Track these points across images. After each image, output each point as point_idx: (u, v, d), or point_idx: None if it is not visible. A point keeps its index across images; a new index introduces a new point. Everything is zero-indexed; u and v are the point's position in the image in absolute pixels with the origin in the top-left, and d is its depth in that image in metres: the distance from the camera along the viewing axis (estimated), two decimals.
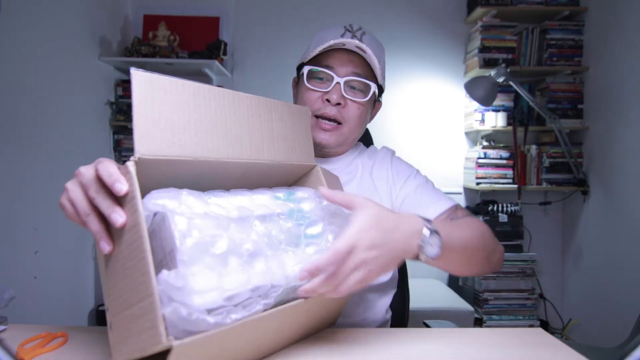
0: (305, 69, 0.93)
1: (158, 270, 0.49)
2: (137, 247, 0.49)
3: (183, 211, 0.52)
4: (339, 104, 0.91)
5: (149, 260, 0.47)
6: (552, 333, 1.29)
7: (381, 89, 1.00)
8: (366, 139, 1.35)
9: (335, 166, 0.99)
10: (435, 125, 2.67)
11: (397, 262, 0.62)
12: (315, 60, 0.93)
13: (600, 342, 2.04)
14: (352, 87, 0.92)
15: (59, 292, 2.00)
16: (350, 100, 0.92)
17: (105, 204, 0.51)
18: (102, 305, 2.33)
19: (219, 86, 2.60)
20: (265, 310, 0.55)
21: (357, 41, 0.88)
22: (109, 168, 0.51)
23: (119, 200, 0.52)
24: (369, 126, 1.47)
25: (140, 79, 0.53)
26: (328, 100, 0.91)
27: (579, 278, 2.50)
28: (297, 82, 1.00)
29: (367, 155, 1.03)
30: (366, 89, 0.93)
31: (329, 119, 0.92)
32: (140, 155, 0.51)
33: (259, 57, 2.66)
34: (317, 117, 0.92)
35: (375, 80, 0.93)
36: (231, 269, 0.52)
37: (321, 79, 0.93)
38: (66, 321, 2.08)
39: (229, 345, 0.55)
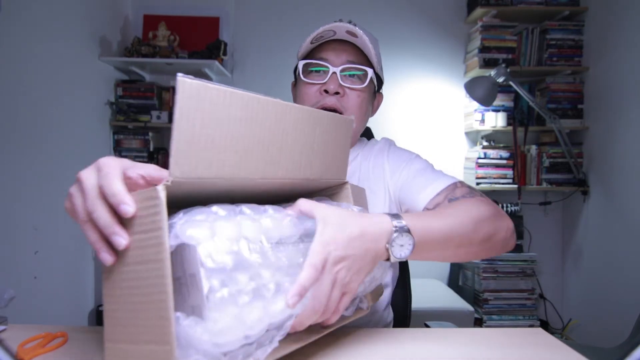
0: (300, 64, 0.94)
1: (174, 285, 0.46)
2: (157, 285, 0.44)
3: (213, 253, 0.47)
4: (337, 93, 0.90)
5: (170, 305, 0.43)
6: (552, 333, 1.30)
7: (380, 80, 0.99)
8: (368, 138, 1.34)
9: None
10: (435, 125, 2.67)
11: (371, 267, 0.61)
12: (309, 55, 0.94)
13: (600, 342, 2.04)
14: (350, 75, 0.92)
15: (59, 292, 2.00)
16: (349, 88, 0.91)
17: (103, 221, 0.45)
18: (102, 305, 2.33)
19: None
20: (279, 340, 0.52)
21: (347, 24, 0.87)
22: (111, 185, 0.45)
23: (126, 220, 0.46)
24: (371, 125, 1.47)
25: (186, 87, 0.45)
26: (326, 92, 0.90)
27: (579, 278, 2.50)
28: (295, 82, 1.00)
29: (367, 148, 1.02)
30: (363, 76, 0.92)
31: (330, 110, 0.89)
32: (174, 178, 0.45)
33: (259, 57, 2.66)
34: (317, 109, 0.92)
35: (372, 67, 0.92)
36: (255, 313, 0.49)
37: (317, 71, 0.92)
38: (66, 321, 2.08)
39: None
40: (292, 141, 0.59)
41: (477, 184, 2.45)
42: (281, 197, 0.68)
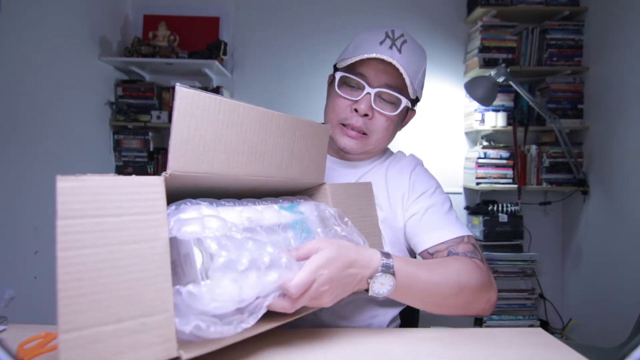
0: (338, 75, 0.90)
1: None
2: (156, 260, 0.48)
3: (207, 233, 0.54)
4: (366, 115, 0.88)
5: (169, 277, 0.49)
6: (552, 333, 1.29)
7: (417, 99, 0.96)
8: None
9: (358, 170, 0.98)
10: (435, 125, 2.67)
11: (349, 292, 0.67)
12: (349, 66, 0.89)
13: (600, 342, 2.04)
14: (383, 99, 0.90)
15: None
16: (379, 112, 0.89)
17: None
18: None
19: (219, 87, 2.56)
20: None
21: (391, 56, 0.85)
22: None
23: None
24: None
25: (183, 95, 0.54)
26: (356, 110, 0.88)
27: (579, 278, 2.50)
28: (331, 82, 0.96)
29: (391, 161, 1.00)
30: (397, 101, 0.89)
31: (356, 130, 0.90)
32: (171, 172, 0.53)
33: (259, 57, 2.66)
34: (343, 124, 0.91)
35: (408, 95, 0.90)
36: (250, 279, 0.55)
37: (352, 86, 0.90)
38: None
39: (230, 350, 0.57)
40: (274, 144, 0.67)
41: (477, 184, 2.45)
42: (265, 195, 0.76)
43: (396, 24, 0.96)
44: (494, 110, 2.47)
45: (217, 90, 2.50)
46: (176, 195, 0.60)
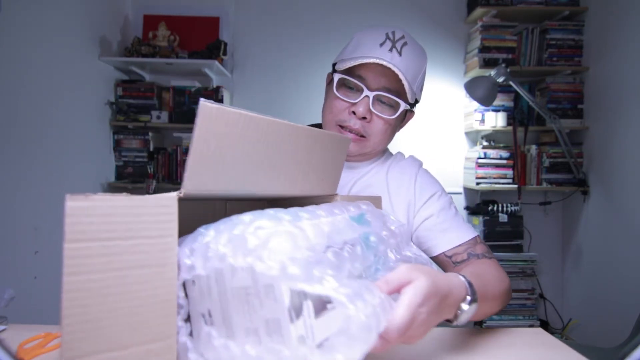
0: (336, 77, 0.89)
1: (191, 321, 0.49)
2: (163, 286, 0.46)
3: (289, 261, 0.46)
4: (364, 117, 0.88)
5: (175, 302, 0.47)
6: (552, 333, 1.29)
7: (416, 101, 0.96)
8: None
9: (357, 171, 0.98)
10: (435, 125, 2.67)
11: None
12: (349, 68, 0.88)
13: (600, 342, 2.04)
14: (382, 102, 0.89)
15: (59, 292, 2.00)
16: (377, 116, 0.89)
17: None
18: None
19: (218, 87, 2.56)
20: None
21: (391, 59, 0.84)
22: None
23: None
24: None
25: (207, 111, 0.49)
26: (354, 113, 0.88)
27: (579, 278, 2.50)
28: (329, 81, 0.95)
29: (391, 162, 1.00)
30: (396, 105, 0.89)
31: (353, 132, 0.90)
32: (185, 192, 0.49)
33: (259, 57, 2.66)
34: (341, 126, 0.90)
35: (407, 100, 0.89)
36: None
37: (351, 88, 0.89)
38: None
39: None
40: (294, 159, 0.62)
41: (477, 184, 2.45)
42: (275, 201, 0.74)
43: (396, 24, 0.95)
44: (494, 110, 2.47)
45: (217, 90, 2.50)
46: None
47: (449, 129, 2.68)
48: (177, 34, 2.49)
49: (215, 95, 2.49)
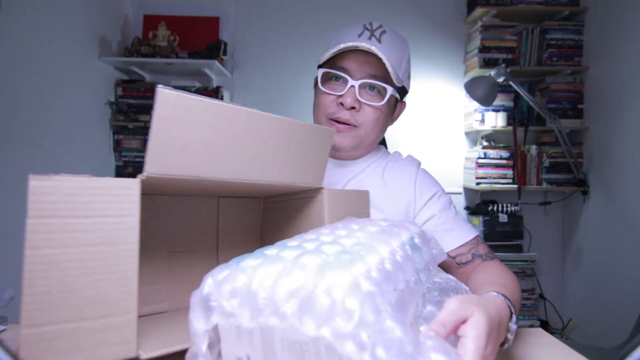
0: (320, 72, 0.90)
1: None
2: (125, 263, 0.48)
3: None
4: (353, 107, 0.87)
5: (135, 279, 0.48)
6: (552, 333, 1.30)
7: (404, 90, 0.95)
8: (381, 140, 1.33)
9: (350, 169, 0.96)
10: (435, 125, 2.67)
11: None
12: (331, 62, 0.89)
13: (600, 342, 2.04)
14: (368, 90, 0.88)
15: None
16: (366, 104, 0.88)
17: None
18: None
19: (218, 87, 2.56)
20: None
21: (370, 45, 0.83)
22: None
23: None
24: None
25: (165, 97, 0.51)
26: (342, 104, 0.87)
27: (579, 278, 2.50)
28: (316, 83, 0.96)
29: (388, 161, 0.99)
30: (383, 91, 0.88)
31: (343, 124, 0.89)
32: (148, 174, 0.51)
33: (259, 57, 2.66)
34: (331, 119, 0.89)
35: (394, 83, 0.88)
36: None
37: (337, 80, 0.89)
38: None
39: None
40: (266, 147, 0.63)
41: (477, 184, 2.45)
42: (258, 194, 0.75)
43: (396, 24, 0.96)
44: (494, 110, 2.47)
45: (217, 90, 2.50)
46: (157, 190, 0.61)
47: (449, 129, 2.68)
48: (177, 34, 2.49)
49: (215, 95, 2.49)
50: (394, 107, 0.96)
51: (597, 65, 2.39)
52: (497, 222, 2.39)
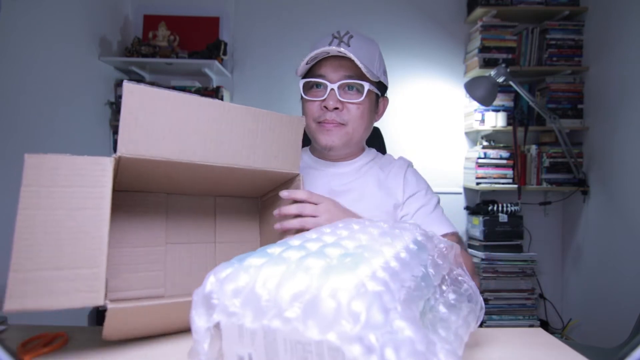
0: (301, 83, 0.98)
1: None
2: (96, 226, 0.59)
3: None
4: (336, 108, 0.94)
5: (105, 239, 0.58)
6: (552, 333, 1.29)
7: (383, 86, 1.02)
8: (378, 141, 1.35)
9: (345, 170, 1.02)
10: (435, 125, 2.67)
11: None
12: (309, 73, 0.97)
13: (600, 342, 2.04)
14: (348, 90, 0.95)
15: None
16: (348, 102, 0.95)
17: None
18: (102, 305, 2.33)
19: (219, 86, 2.56)
20: None
21: (339, 47, 0.90)
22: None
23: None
24: (380, 127, 1.47)
25: (130, 89, 0.62)
26: (326, 107, 0.94)
27: (579, 278, 2.50)
28: (301, 97, 1.03)
29: (382, 163, 1.05)
30: (361, 88, 0.95)
31: (330, 124, 0.96)
32: (121, 154, 0.62)
33: (259, 57, 2.66)
34: (319, 122, 0.97)
35: (369, 79, 0.95)
36: None
37: (318, 87, 0.97)
38: (66, 321, 2.08)
39: (161, 318, 0.64)
40: (233, 134, 0.73)
41: (477, 184, 2.45)
42: (227, 188, 0.85)
43: (396, 24, 0.98)
44: (494, 110, 2.47)
45: (217, 90, 2.50)
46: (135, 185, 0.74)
47: (449, 129, 2.68)
48: (177, 34, 2.49)
49: (215, 95, 2.49)
50: (377, 103, 1.03)
51: (597, 65, 2.39)
52: (497, 222, 2.39)
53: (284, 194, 0.82)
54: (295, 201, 0.82)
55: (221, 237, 0.89)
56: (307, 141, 1.03)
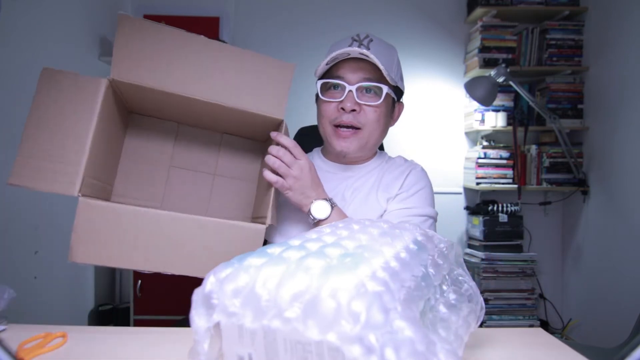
0: (318, 84, 0.97)
1: None
2: (82, 128, 0.71)
3: None
4: (354, 110, 0.94)
5: (88, 144, 0.71)
6: (552, 333, 1.29)
7: (400, 91, 1.02)
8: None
9: (357, 174, 1.02)
10: (435, 125, 2.67)
11: (303, 200, 0.87)
12: (327, 74, 0.97)
13: (600, 342, 2.04)
14: (366, 92, 0.95)
15: (59, 292, 2.00)
16: (365, 105, 0.94)
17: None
18: (102, 305, 2.33)
19: None
20: None
21: (360, 49, 0.90)
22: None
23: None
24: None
25: (125, 21, 0.73)
26: (343, 109, 0.94)
27: (579, 278, 2.50)
28: (317, 97, 1.02)
29: (390, 165, 1.04)
30: (379, 91, 0.95)
31: (347, 127, 0.95)
32: (113, 77, 0.76)
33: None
34: (335, 126, 0.96)
35: (388, 83, 0.94)
36: None
37: (336, 88, 0.96)
38: (66, 321, 2.08)
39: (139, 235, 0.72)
40: (218, 72, 0.78)
41: (477, 184, 2.45)
42: (228, 129, 0.94)
43: (396, 24, 0.99)
44: (494, 110, 2.47)
45: None
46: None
47: (449, 129, 2.68)
48: None
49: None
50: (392, 108, 1.02)
51: (597, 65, 2.39)
52: (497, 222, 2.39)
53: (273, 134, 0.87)
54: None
55: (222, 170, 0.96)
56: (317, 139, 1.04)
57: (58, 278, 2.00)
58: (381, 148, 1.33)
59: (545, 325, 2.48)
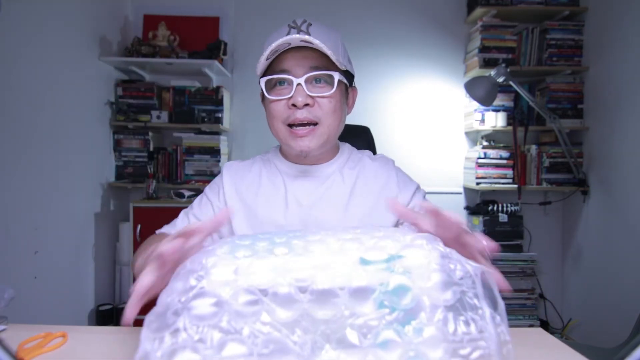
0: (262, 82, 0.87)
1: None
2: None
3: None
4: (307, 104, 0.84)
5: None
6: (552, 333, 1.29)
7: (350, 75, 0.93)
8: (367, 141, 1.34)
9: (321, 175, 0.94)
10: (435, 125, 2.67)
11: None
12: (270, 69, 0.87)
13: (600, 342, 2.04)
14: (316, 83, 0.85)
15: (59, 292, 2.00)
16: (318, 97, 0.85)
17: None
18: (102, 305, 2.33)
19: (219, 86, 2.57)
20: None
21: (301, 35, 0.81)
22: (141, 281, 0.53)
23: None
24: (371, 125, 1.46)
25: None
26: (295, 105, 0.84)
27: (579, 278, 2.50)
28: (263, 97, 0.92)
29: (366, 161, 0.97)
30: (331, 80, 0.85)
31: (302, 124, 0.85)
32: None
33: (259, 57, 2.66)
34: (289, 125, 0.86)
35: (337, 68, 0.85)
36: None
37: (282, 84, 0.86)
38: (66, 321, 2.08)
39: None
40: None
41: (477, 183, 2.45)
42: None
43: (396, 24, 0.96)
44: (494, 110, 2.47)
45: (217, 90, 2.50)
46: None
47: (449, 129, 2.68)
48: (177, 34, 2.49)
49: (215, 95, 2.49)
50: (347, 94, 0.93)
51: (597, 65, 2.39)
52: (497, 222, 2.39)
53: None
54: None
55: None
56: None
57: (58, 278, 2.00)
58: (371, 148, 1.30)
59: (545, 325, 2.48)
